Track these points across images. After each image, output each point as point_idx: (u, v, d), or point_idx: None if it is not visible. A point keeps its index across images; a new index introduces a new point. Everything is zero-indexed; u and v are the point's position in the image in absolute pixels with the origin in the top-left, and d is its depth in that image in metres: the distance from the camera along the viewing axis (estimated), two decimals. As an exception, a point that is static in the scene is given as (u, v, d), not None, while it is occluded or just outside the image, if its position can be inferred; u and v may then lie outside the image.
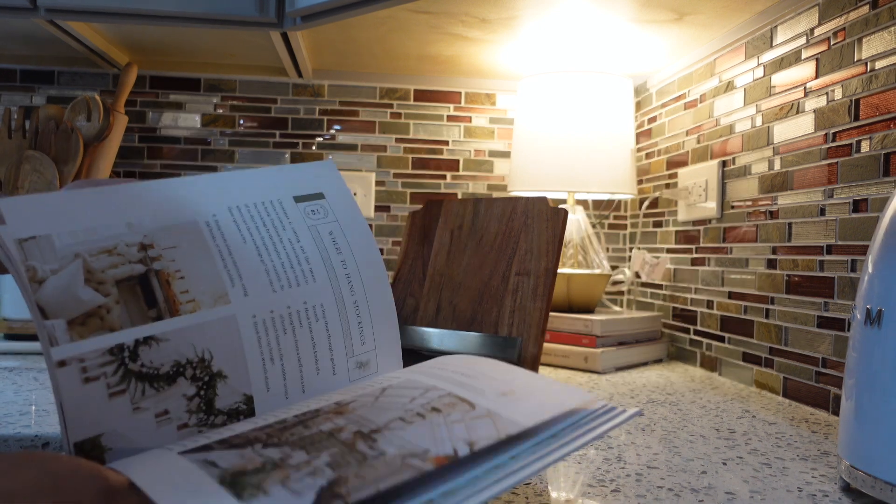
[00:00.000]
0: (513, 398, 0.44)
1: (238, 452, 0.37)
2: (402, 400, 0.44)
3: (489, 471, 0.38)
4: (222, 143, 1.36)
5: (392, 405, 0.44)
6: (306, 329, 0.50)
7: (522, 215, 0.97)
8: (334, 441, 0.38)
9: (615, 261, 1.43)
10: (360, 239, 0.54)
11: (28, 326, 1.10)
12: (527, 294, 0.92)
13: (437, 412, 0.42)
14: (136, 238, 0.44)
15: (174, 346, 0.43)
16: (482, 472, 0.37)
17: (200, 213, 0.47)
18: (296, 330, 0.49)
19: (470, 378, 0.48)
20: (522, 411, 0.43)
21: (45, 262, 0.41)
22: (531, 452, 0.39)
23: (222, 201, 0.48)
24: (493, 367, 0.51)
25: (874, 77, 0.74)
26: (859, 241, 0.76)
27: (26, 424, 0.65)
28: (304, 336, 0.49)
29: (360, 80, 1.38)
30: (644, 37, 1.07)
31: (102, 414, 0.41)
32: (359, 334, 0.53)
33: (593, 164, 1.19)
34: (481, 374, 0.49)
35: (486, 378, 0.48)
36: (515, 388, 0.46)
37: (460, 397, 0.45)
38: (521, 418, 0.41)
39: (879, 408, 0.48)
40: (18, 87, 1.31)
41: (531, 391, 0.46)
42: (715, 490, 0.53)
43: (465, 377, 0.48)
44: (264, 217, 0.50)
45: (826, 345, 0.81)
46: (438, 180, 1.40)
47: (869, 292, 0.51)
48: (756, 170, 0.96)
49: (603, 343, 1.06)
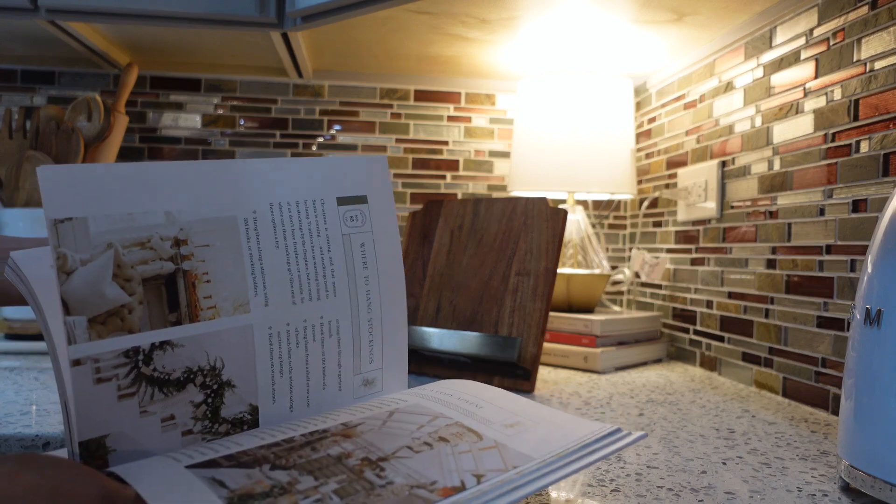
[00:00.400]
0: (520, 429, 0.45)
1: (246, 472, 0.37)
2: (410, 427, 0.44)
3: (495, 485, 0.38)
4: (223, 144, 1.36)
5: (400, 431, 0.44)
6: (318, 344, 0.49)
7: (522, 215, 0.98)
8: (342, 467, 0.39)
9: (615, 261, 1.43)
10: (388, 253, 0.53)
11: (28, 326, 1.10)
12: (527, 294, 0.92)
13: (444, 442, 0.43)
14: (171, 231, 0.43)
15: (188, 353, 0.43)
16: (488, 486, 0.38)
17: (241, 206, 0.46)
18: (308, 344, 0.48)
19: (477, 407, 0.48)
20: (530, 443, 0.43)
21: (78, 249, 0.39)
22: (537, 469, 0.40)
23: (266, 195, 0.47)
24: (500, 396, 0.51)
25: (873, 77, 0.74)
26: (859, 241, 0.76)
27: (27, 424, 0.65)
28: (316, 351, 0.49)
29: (360, 81, 1.38)
30: (644, 37, 1.07)
31: (110, 415, 0.40)
32: (368, 352, 0.52)
33: (593, 165, 1.19)
34: (488, 402, 0.49)
35: (493, 408, 0.48)
36: (522, 419, 0.47)
37: (468, 427, 0.45)
38: (528, 450, 0.42)
39: (879, 408, 0.48)
40: (19, 88, 1.31)
41: (538, 423, 0.46)
42: (714, 490, 0.53)
43: (471, 405, 0.49)
44: (303, 219, 0.48)
45: (826, 345, 0.81)
46: (438, 180, 1.40)
47: (868, 292, 0.51)
48: (756, 170, 0.96)
49: (603, 343, 1.06)
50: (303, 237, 0.48)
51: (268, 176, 0.47)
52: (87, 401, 0.39)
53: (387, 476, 0.38)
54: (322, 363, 0.49)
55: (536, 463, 0.40)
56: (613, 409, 0.80)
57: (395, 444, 0.42)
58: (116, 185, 0.41)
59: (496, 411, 0.48)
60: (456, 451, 0.41)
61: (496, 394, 0.51)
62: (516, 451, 0.41)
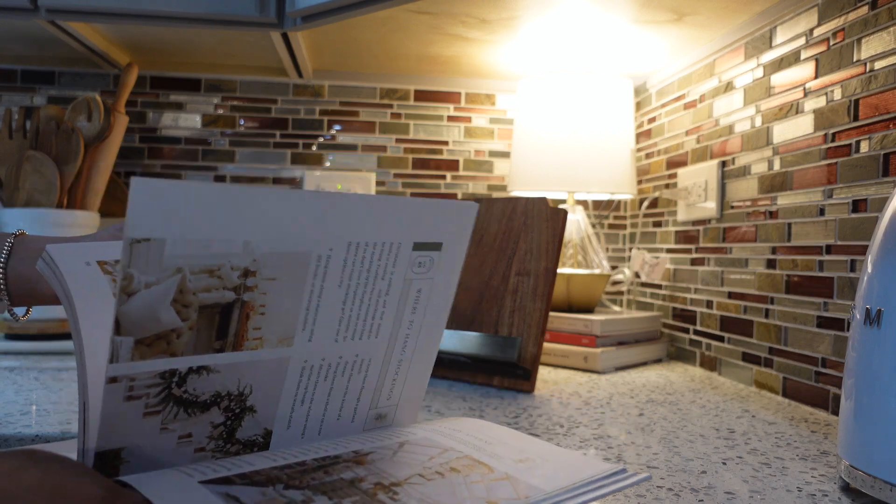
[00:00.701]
0: (530, 465, 0.45)
1: (260, 490, 0.37)
2: (421, 457, 0.44)
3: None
4: (223, 144, 1.36)
5: (411, 461, 0.44)
6: (345, 379, 0.48)
7: (522, 215, 0.98)
8: (356, 490, 0.38)
9: (615, 261, 1.43)
10: (442, 301, 0.50)
11: (28, 326, 1.10)
12: (527, 294, 0.92)
13: (455, 472, 0.42)
14: (244, 262, 0.40)
15: (221, 378, 0.42)
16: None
17: (320, 242, 0.43)
18: (336, 379, 0.48)
19: (486, 443, 0.48)
20: (540, 477, 0.43)
21: (147, 272, 0.37)
22: (548, 498, 0.40)
23: (348, 232, 0.44)
24: (508, 434, 0.52)
25: (873, 77, 0.74)
26: (859, 241, 0.76)
27: (27, 424, 0.65)
28: (340, 385, 0.48)
29: (360, 81, 1.38)
30: (644, 37, 1.07)
31: (131, 430, 0.40)
32: (389, 390, 0.51)
33: (593, 165, 1.19)
34: (497, 440, 0.50)
35: (502, 444, 0.49)
36: (532, 455, 0.47)
37: (478, 460, 0.45)
38: (539, 483, 0.42)
39: (879, 408, 0.48)
40: (19, 88, 1.31)
41: (547, 459, 0.46)
42: (714, 490, 0.53)
43: (481, 441, 0.49)
44: (375, 261, 0.45)
45: (825, 345, 0.81)
46: (438, 180, 1.40)
47: (868, 292, 0.51)
48: (755, 170, 0.96)
49: (603, 343, 1.06)
50: (367, 278, 0.46)
51: (357, 213, 0.44)
52: (113, 415, 0.39)
53: (400, 499, 0.38)
54: (343, 396, 0.49)
55: (547, 494, 0.40)
56: (613, 409, 0.80)
57: (406, 471, 0.42)
58: (205, 209, 0.38)
59: (506, 447, 0.48)
60: (468, 480, 0.41)
61: (505, 432, 0.51)
62: (527, 484, 0.42)
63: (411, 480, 0.40)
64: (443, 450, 0.46)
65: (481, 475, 0.42)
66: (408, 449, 0.46)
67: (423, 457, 0.45)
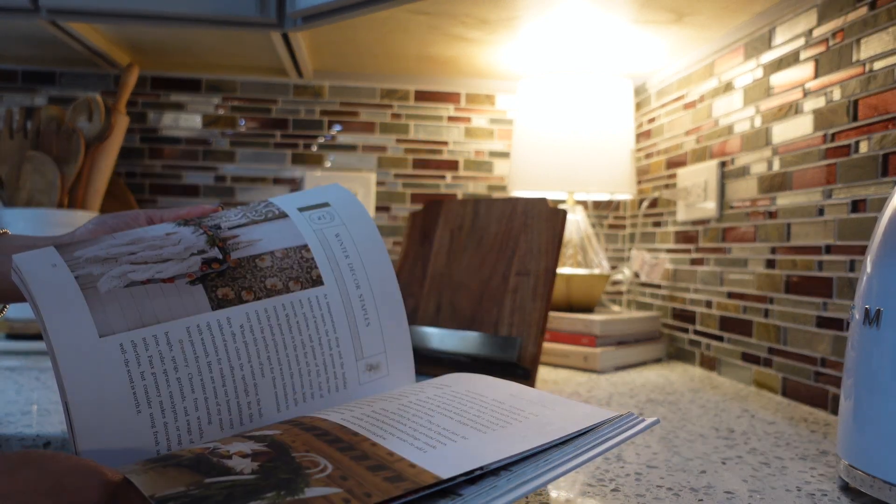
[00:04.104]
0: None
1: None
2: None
3: (517, 474, 0.38)
4: (223, 144, 1.36)
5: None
6: (313, 328, 0.51)
7: (522, 215, 0.98)
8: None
9: (615, 261, 1.43)
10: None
11: (29, 326, 1.10)
12: (526, 294, 0.92)
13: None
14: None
15: None
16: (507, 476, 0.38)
17: None
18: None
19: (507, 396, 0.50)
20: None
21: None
22: (559, 456, 0.40)
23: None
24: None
25: (873, 78, 0.74)
26: (858, 241, 0.76)
27: (28, 424, 0.65)
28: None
29: (360, 81, 1.38)
30: (644, 37, 1.07)
31: None
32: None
33: (593, 165, 1.19)
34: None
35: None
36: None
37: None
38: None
39: (878, 407, 0.49)
40: (20, 88, 1.31)
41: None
42: (714, 489, 0.53)
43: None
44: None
45: (825, 344, 0.81)
46: (438, 181, 1.40)
47: (868, 292, 0.51)
48: (755, 170, 0.96)
49: (602, 343, 1.07)
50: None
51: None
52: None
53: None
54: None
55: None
56: (613, 409, 0.80)
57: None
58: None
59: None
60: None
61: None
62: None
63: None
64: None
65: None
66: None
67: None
